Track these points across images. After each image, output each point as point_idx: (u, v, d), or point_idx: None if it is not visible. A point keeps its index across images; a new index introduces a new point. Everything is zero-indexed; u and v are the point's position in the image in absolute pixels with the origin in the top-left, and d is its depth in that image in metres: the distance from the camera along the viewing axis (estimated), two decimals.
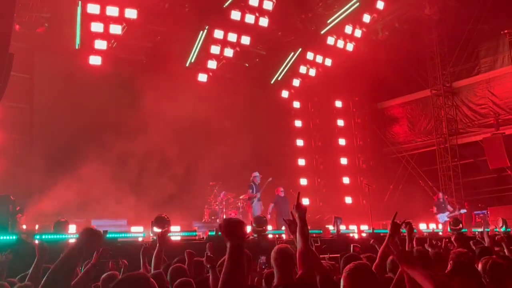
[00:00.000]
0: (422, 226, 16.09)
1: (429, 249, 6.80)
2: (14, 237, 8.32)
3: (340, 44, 19.71)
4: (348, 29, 19.29)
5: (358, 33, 19.53)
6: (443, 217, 17.21)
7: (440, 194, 18.19)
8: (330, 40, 19.44)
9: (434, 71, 21.91)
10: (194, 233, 11.31)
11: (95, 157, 14.41)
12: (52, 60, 15.86)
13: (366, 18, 19.03)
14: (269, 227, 12.54)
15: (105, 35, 15.78)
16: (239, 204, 16.98)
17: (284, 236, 12.03)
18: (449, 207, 17.64)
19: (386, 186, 22.76)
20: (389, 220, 4.74)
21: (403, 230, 5.23)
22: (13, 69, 11.91)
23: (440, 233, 15.71)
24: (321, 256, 5.86)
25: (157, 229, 9.17)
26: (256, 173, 16.36)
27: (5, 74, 10.58)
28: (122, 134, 15.29)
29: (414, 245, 6.29)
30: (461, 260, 4.54)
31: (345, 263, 5.09)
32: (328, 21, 19.01)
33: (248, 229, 11.97)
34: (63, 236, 9.38)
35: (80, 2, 15.24)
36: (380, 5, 18.69)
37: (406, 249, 5.69)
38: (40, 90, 15.81)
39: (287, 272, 4.02)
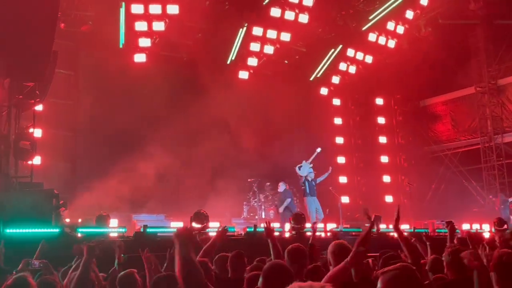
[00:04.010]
0: (466, 227, 15.67)
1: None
2: (57, 230, 8.54)
3: (382, 40, 19.44)
4: (390, 25, 19.00)
5: (400, 29, 19.21)
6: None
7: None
8: (372, 37, 19.18)
9: (479, 68, 21.30)
10: (232, 229, 11.35)
11: (137, 153, 14.66)
12: (96, 58, 16.18)
13: (409, 14, 18.69)
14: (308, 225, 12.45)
15: (148, 33, 16.05)
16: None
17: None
18: None
19: (427, 185, 22.30)
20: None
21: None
22: (59, 66, 12.28)
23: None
24: None
25: (196, 225, 9.22)
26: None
27: (49, 71, 10.86)
28: (164, 130, 15.50)
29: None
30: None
31: (384, 263, 5.03)
32: (370, 18, 18.77)
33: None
34: (105, 230, 9.57)
35: (123, 3, 15.50)
36: (423, 1, 18.33)
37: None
38: (85, 87, 16.18)
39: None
